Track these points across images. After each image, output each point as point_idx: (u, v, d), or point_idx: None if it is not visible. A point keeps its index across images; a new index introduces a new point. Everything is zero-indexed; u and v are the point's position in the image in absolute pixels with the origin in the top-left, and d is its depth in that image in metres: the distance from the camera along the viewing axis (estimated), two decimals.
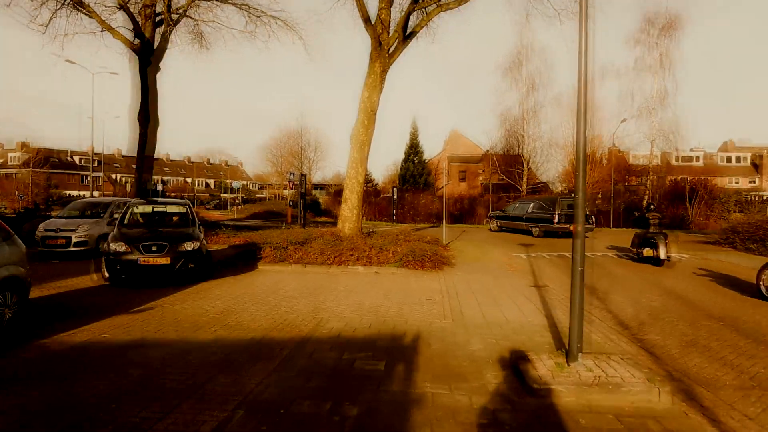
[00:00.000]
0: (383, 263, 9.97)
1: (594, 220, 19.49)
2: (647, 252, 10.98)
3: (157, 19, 15.34)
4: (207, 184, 76.38)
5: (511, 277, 9.24)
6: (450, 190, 40.95)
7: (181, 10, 15.50)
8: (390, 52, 12.41)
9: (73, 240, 10.99)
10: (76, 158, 61.16)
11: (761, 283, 7.28)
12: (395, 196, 28.65)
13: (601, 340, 5.01)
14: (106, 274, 7.75)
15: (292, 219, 23.86)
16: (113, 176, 57.47)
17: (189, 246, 8.02)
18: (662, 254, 10.51)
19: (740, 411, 3.42)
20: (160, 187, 38.62)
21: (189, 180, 70.07)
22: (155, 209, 9.85)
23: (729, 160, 47.89)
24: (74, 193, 50.53)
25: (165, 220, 9.67)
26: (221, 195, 55.86)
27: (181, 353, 4.42)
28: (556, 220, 17.54)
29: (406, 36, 12.73)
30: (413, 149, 41.75)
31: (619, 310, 6.53)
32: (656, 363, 4.37)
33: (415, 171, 40.95)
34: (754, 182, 45.46)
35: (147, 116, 15.27)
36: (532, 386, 3.65)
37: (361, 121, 12.17)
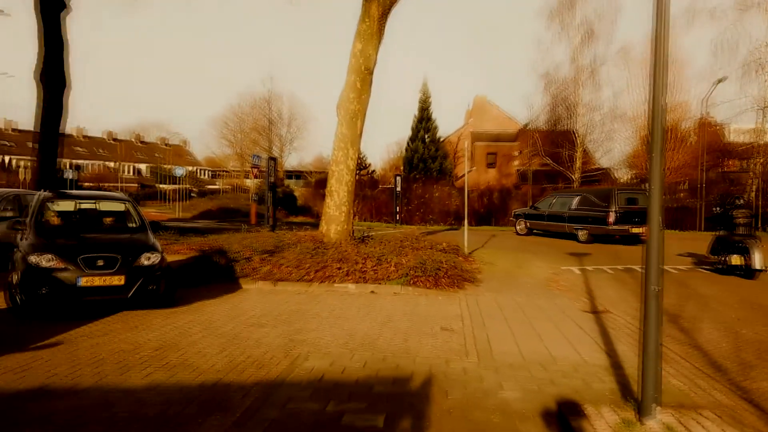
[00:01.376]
0: (382, 279, 10.00)
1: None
2: (735, 260, 11.34)
3: None
4: (138, 171, 76.46)
5: (558, 299, 9.29)
6: (474, 178, 41.07)
7: None
8: None
9: None
10: None
11: None
12: (399, 188, 28.71)
13: (685, 387, 5.00)
14: (21, 298, 7.25)
15: (257, 219, 23.90)
16: (4, 159, 57.47)
17: (148, 259, 7.83)
18: (757, 263, 10.91)
19: None
20: (71, 175, 38.59)
21: (113, 164, 70.12)
22: (81, 206, 9.53)
23: None
24: None
25: (99, 222, 9.36)
26: (159, 185, 55.91)
27: (103, 405, 4.41)
28: (611, 220, 17.57)
29: None
30: (424, 123, 41.76)
31: (709, 345, 6.53)
32: (767, 421, 4.37)
33: (425, 153, 40.97)
34: None
35: (57, 75, 15.26)
36: None
37: (351, 84, 12.15)
